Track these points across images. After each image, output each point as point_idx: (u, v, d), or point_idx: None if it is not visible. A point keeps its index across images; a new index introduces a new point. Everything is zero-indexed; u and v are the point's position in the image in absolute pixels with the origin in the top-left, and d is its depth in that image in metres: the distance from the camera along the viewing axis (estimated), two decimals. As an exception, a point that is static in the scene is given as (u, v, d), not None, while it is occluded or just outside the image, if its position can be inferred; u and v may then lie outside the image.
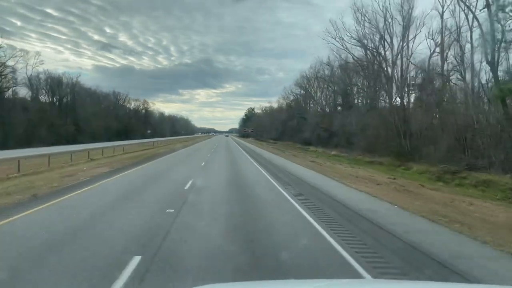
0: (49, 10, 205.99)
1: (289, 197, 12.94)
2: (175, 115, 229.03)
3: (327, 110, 69.94)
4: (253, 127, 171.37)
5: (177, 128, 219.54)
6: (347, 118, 51.41)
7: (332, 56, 59.54)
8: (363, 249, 7.00)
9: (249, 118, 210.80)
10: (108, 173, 18.96)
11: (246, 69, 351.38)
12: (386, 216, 10.19)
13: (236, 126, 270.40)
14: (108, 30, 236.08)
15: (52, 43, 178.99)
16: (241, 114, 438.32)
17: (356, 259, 6.34)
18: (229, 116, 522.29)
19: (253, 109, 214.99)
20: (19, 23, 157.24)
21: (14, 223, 8.60)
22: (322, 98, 77.10)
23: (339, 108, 64.94)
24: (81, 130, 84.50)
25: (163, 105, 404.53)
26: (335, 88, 62.20)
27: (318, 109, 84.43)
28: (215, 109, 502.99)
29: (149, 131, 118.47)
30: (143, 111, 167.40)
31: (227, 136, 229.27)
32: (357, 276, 5.48)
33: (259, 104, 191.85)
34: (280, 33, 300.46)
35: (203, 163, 25.63)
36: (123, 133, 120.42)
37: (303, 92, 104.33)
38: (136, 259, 5.97)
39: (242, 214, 10.15)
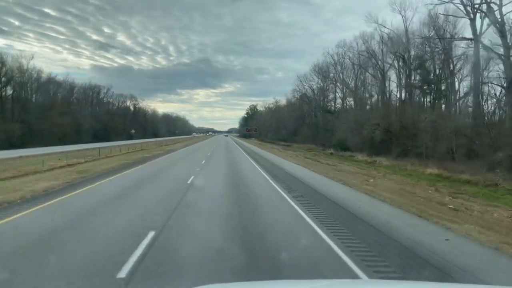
0: (47, 10, 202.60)
1: None
2: (171, 114, 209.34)
3: (377, 98, 48.78)
4: (256, 126, 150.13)
5: (172, 127, 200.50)
6: (430, 110, 30.46)
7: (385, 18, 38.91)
8: None
9: (251, 117, 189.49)
10: None
11: (245, 69, 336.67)
12: None
13: (236, 125, 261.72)
14: (106, 30, 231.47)
15: (50, 43, 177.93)
16: (240, 114, 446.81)
17: None
18: (229, 116, 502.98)
19: (255, 107, 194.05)
20: (17, 23, 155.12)
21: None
22: (363, 84, 56.13)
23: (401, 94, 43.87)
24: (34, 130, 63.73)
25: (162, 105, 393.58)
26: (404, 63, 40.78)
27: (349, 100, 63.70)
28: (214, 109, 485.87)
29: (133, 131, 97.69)
30: (132, 108, 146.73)
31: (227, 136, 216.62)
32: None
33: (264, 102, 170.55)
34: (279, 33, 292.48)
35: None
36: (103, 134, 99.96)
37: (320, 82, 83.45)
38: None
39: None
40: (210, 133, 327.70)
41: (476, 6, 30.68)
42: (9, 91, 62.48)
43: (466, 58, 33.98)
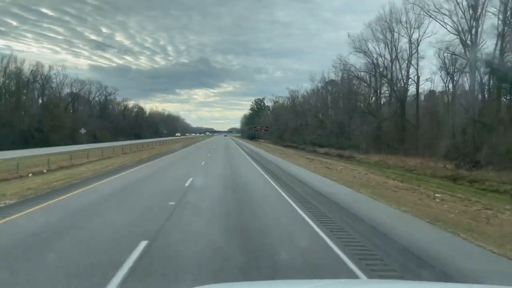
0: (44, 10, 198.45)
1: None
2: (162, 112, 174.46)
3: None
4: (266, 124, 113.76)
5: (163, 127, 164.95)
6: None
7: None
8: None
9: (257, 113, 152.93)
10: None
11: (243, 69, 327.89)
12: None
13: (236, 125, 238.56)
14: (104, 30, 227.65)
15: (48, 44, 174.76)
16: (240, 114, 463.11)
17: None
18: (228, 116, 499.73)
19: (261, 101, 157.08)
20: (14, 23, 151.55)
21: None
22: None
23: None
24: None
25: (161, 105, 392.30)
26: None
27: None
28: (213, 109, 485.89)
29: (82, 131, 61.42)
30: (101, 100, 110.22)
31: (226, 136, 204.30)
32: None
33: (273, 96, 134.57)
34: (278, 33, 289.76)
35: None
36: (36, 136, 64.04)
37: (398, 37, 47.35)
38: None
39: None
40: (207, 133, 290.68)
41: None
42: None
43: None
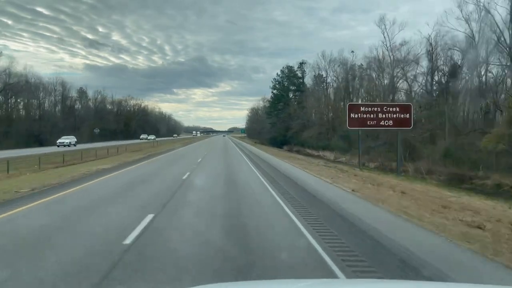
0: (39, 9, 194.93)
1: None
2: (140, 107, 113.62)
3: None
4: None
5: (134, 126, 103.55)
6: None
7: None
8: None
9: (285, 97, 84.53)
10: None
11: (240, 68, 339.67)
12: None
13: (237, 124, 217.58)
14: (101, 29, 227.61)
15: (45, 43, 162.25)
16: (238, 113, 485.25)
17: None
18: (226, 116, 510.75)
19: (297, 69, 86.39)
20: (10, 22, 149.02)
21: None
22: None
23: None
24: None
25: (159, 105, 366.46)
26: None
27: None
28: (212, 109, 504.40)
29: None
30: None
31: (224, 136, 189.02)
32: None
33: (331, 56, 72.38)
34: (275, 32, 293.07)
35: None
36: None
37: None
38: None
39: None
40: (195, 133, 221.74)
41: None
42: None
43: None
